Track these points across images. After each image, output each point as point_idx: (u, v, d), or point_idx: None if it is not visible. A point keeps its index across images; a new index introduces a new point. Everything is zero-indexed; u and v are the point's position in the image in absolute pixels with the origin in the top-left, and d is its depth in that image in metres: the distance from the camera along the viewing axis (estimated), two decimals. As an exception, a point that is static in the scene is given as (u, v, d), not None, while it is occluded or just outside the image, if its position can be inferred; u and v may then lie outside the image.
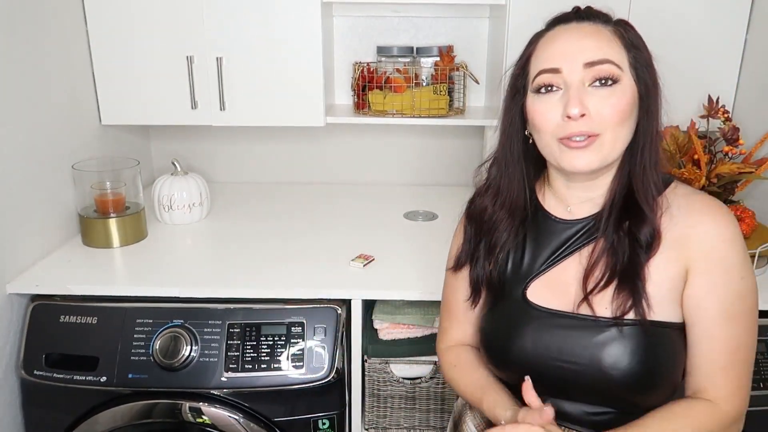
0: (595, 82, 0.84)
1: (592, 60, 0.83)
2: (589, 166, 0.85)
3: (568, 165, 0.86)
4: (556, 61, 0.85)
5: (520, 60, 0.92)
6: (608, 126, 0.84)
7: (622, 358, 0.85)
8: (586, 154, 0.85)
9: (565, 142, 0.85)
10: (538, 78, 0.87)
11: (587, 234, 0.92)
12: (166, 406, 1.31)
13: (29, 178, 1.43)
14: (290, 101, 1.71)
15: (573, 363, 0.87)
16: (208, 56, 1.66)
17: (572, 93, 0.84)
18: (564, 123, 0.84)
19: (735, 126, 1.48)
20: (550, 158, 0.90)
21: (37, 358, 1.32)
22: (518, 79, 0.92)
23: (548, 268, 0.94)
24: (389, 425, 1.49)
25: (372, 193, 2.07)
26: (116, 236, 1.56)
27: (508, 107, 0.94)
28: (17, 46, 1.38)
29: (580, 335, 0.88)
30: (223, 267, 1.48)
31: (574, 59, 0.84)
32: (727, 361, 0.86)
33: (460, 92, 1.86)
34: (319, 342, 1.32)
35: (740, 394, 0.88)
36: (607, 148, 0.85)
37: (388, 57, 1.85)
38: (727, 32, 1.63)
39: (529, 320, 0.92)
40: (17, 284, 1.36)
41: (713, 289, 0.85)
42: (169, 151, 2.10)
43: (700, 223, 0.87)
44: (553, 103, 0.86)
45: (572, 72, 0.84)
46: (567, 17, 0.89)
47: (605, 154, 0.85)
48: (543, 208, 0.97)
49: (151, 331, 1.31)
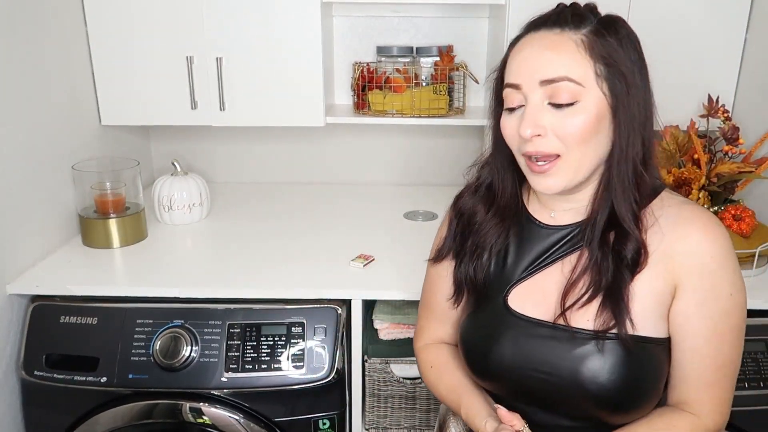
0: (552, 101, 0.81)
1: (548, 78, 0.80)
2: (554, 189, 0.83)
3: (535, 185, 0.85)
4: (517, 76, 0.83)
5: (500, 66, 0.89)
6: (570, 145, 0.81)
7: (601, 373, 0.82)
8: (548, 179, 0.83)
9: (528, 163, 0.84)
10: (504, 92, 0.85)
11: (571, 242, 0.90)
12: (166, 407, 1.31)
13: (29, 179, 1.43)
14: (290, 101, 1.71)
15: (551, 374, 0.85)
16: (208, 56, 1.66)
17: (527, 112, 0.81)
18: (522, 141, 0.83)
19: (735, 125, 1.48)
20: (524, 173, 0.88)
21: (37, 359, 1.32)
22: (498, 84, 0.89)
23: (530, 274, 0.91)
24: (390, 425, 1.49)
25: (372, 193, 2.07)
26: (116, 237, 1.56)
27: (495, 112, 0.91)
28: (17, 46, 1.38)
29: (560, 347, 0.85)
30: (223, 267, 1.48)
31: (532, 76, 0.81)
32: (713, 377, 0.84)
33: (460, 92, 1.86)
34: (320, 342, 1.32)
35: (723, 410, 0.86)
36: (572, 167, 0.82)
37: (387, 57, 1.85)
38: (727, 32, 1.63)
39: (509, 328, 0.89)
40: (17, 285, 1.36)
41: (702, 305, 0.83)
42: (169, 152, 2.10)
43: (688, 236, 0.83)
44: (515, 119, 0.84)
45: (530, 89, 0.81)
46: (538, 23, 0.84)
47: (572, 175, 0.83)
48: (528, 212, 0.95)
49: (151, 331, 1.31)
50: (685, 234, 0.83)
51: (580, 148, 0.81)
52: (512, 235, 0.94)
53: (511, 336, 0.89)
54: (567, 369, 0.84)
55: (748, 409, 1.27)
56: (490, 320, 0.92)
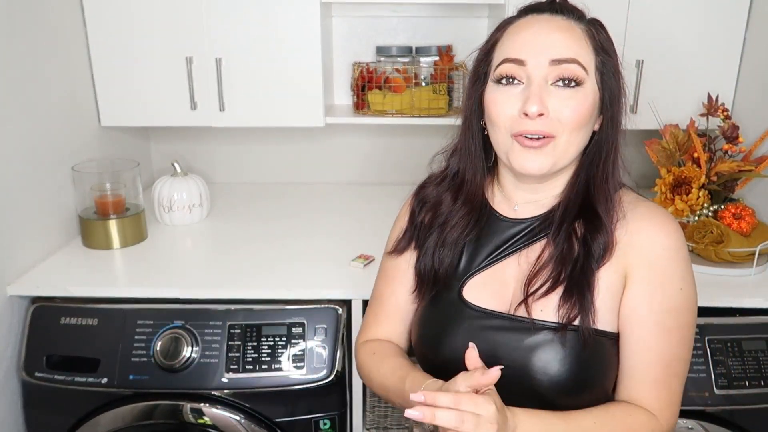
0: (558, 81, 0.80)
1: (559, 57, 0.80)
2: (539, 169, 0.82)
3: (518, 165, 0.83)
4: (522, 51, 0.81)
5: (486, 45, 0.88)
6: (565, 129, 0.81)
7: (552, 364, 0.82)
8: (538, 157, 0.82)
9: (519, 139, 0.82)
10: (501, 67, 0.83)
11: (529, 235, 0.90)
12: (167, 408, 1.31)
13: (29, 180, 1.43)
14: (290, 102, 1.71)
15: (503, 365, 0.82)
16: (208, 57, 1.66)
17: (533, 90, 0.80)
18: (520, 119, 0.81)
19: (734, 124, 1.48)
20: (501, 154, 0.87)
21: (38, 360, 1.32)
22: (480, 64, 0.88)
23: (487, 266, 0.91)
24: (390, 425, 1.49)
25: (372, 193, 2.07)
26: (116, 238, 1.56)
27: (469, 94, 0.90)
28: (16, 48, 1.38)
29: (512, 337, 0.85)
30: (223, 268, 1.48)
31: (541, 53, 0.80)
32: (661, 373, 0.84)
33: (460, 92, 1.86)
34: (320, 342, 1.32)
35: (672, 408, 0.86)
36: (560, 151, 0.82)
37: (387, 57, 1.85)
38: (726, 30, 1.63)
39: (464, 319, 0.89)
40: (18, 286, 1.36)
41: (650, 297, 0.83)
42: (169, 152, 2.10)
43: (642, 230, 0.84)
44: (512, 95, 0.82)
45: (537, 66, 0.80)
46: (540, 7, 0.85)
47: (557, 158, 0.82)
48: (490, 205, 0.94)
49: (151, 332, 1.31)
50: (639, 228, 0.84)
51: (573, 133, 0.81)
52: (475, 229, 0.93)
53: (464, 328, 0.88)
54: (518, 359, 0.83)
55: (749, 407, 1.27)
56: (445, 312, 0.91)
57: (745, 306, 1.30)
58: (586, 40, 0.82)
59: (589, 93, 0.81)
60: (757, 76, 1.62)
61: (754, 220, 1.43)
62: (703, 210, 1.46)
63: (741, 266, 1.39)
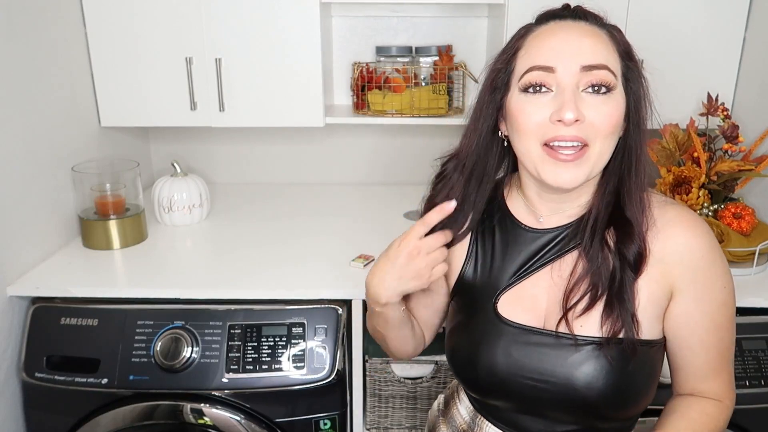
0: (589, 87, 0.78)
1: (590, 63, 0.78)
2: (573, 182, 0.80)
3: (550, 179, 0.80)
4: (550, 58, 0.79)
5: (505, 54, 0.85)
6: (598, 136, 0.79)
7: (598, 378, 0.81)
8: (571, 169, 0.79)
9: (550, 153, 0.79)
10: (528, 75, 0.80)
11: (559, 246, 0.87)
12: (167, 408, 1.31)
13: (29, 181, 1.43)
14: (289, 102, 1.71)
15: (545, 381, 0.83)
16: (207, 57, 1.66)
17: (567, 96, 0.77)
18: (552, 125, 0.78)
19: (734, 123, 1.48)
20: (528, 166, 0.83)
21: (38, 361, 1.32)
22: (500, 74, 0.85)
23: (518, 280, 0.89)
24: (391, 425, 1.49)
25: (372, 193, 2.07)
26: (116, 238, 1.56)
27: (484, 104, 0.87)
28: (16, 48, 1.38)
29: (555, 353, 0.84)
30: (223, 268, 1.48)
31: (571, 59, 0.78)
32: (718, 363, 0.87)
33: (460, 92, 1.86)
34: (320, 342, 1.32)
35: (732, 386, 0.90)
36: (593, 161, 0.80)
37: (387, 57, 1.85)
38: (726, 30, 1.63)
39: (500, 335, 0.87)
40: (18, 287, 1.36)
41: (701, 302, 0.84)
42: (169, 153, 2.10)
43: (677, 236, 0.83)
44: (541, 104, 0.80)
45: (567, 73, 0.78)
46: (562, 13, 0.83)
47: (591, 169, 0.80)
48: (511, 215, 0.92)
49: (152, 332, 1.31)
50: (672, 234, 0.83)
51: (605, 139, 0.79)
52: (497, 239, 0.92)
53: (503, 344, 0.86)
54: (562, 375, 0.83)
55: (749, 407, 1.27)
56: (480, 328, 0.89)
57: (745, 305, 1.30)
58: (612, 46, 0.81)
59: (620, 99, 0.80)
60: (757, 75, 1.62)
61: (754, 219, 1.43)
62: (703, 209, 1.46)
63: (741, 266, 1.39)
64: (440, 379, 1.45)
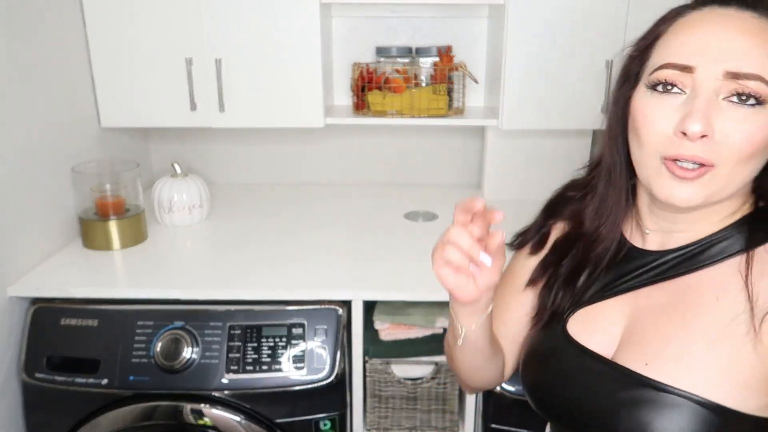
0: (733, 96, 0.63)
1: (738, 71, 0.62)
2: (688, 201, 0.66)
3: (663, 194, 0.67)
4: (691, 56, 0.64)
5: (645, 39, 0.71)
6: (731, 158, 0.63)
7: None
8: (689, 187, 0.65)
9: (669, 165, 0.65)
10: (661, 71, 0.66)
11: (655, 271, 0.74)
12: (167, 408, 1.31)
13: (29, 181, 1.43)
14: (289, 102, 1.71)
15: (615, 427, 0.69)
16: (207, 58, 1.66)
17: (698, 103, 0.63)
18: (675, 139, 0.64)
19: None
20: (642, 175, 0.70)
21: (38, 361, 1.32)
22: (634, 62, 0.71)
23: (599, 299, 0.76)
24: (390, 426, 1.49)
25: (372, 194, 2.07)
26: (116, 239, 1.56)
27: (615, 99, 0.74)
28: (16, 49, 1.38)
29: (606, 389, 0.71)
30: (223, 268, 1.48)
31: (717, 61, 0.63)
32: None
33: (460, 92, 1.86)
34: (320, 343, 1.32)
35: None
36: (719, 184, 0.65)
37: (387, 57, 1.85)
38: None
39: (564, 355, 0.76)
40: (18, 287, 1.36)
41: None
42: (169, 153, 2.11)
43: None
44: (669, 106, 0.65)
45: (708, 77, 0.63)
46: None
47: (713, 192, 0.65)
48: None
49: (152, 333, 1.32)
50: None
51: (738, 164, 0.64)
52: None
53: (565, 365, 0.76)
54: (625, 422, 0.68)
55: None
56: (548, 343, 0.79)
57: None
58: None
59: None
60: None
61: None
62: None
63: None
64: (440, 379, 1.45)
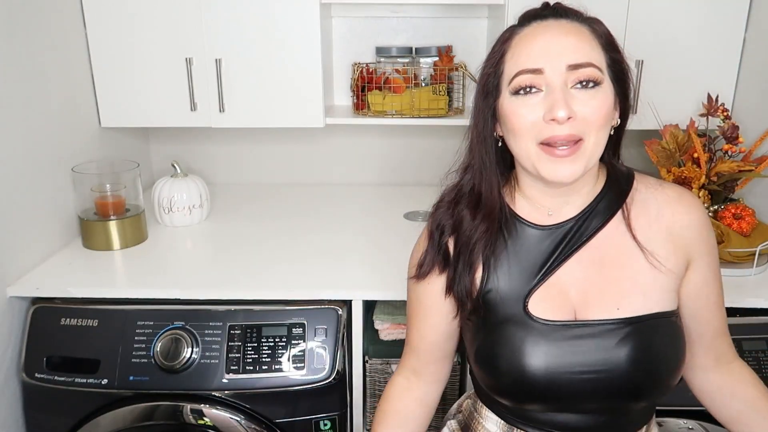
0: (577, 84, 0.81)
1: (576, 62, 0.80)
2: (572, 175, 0.82)
3: (549, 174, 0.83)
4: (537, 60, 0.81)
5: (493, 58, 0.87)
6: (592, 129, 0.81)
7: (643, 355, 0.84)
8: (568, 164, 0.81)
9: (547, 149, 0.82)
10: (518, 79, 0.82)
11: (575, 237, 0.89)
12: (167, 409, 1.31)
13: (29, 181, 1.43)
14: (289, 102, 1.71)
15: (592, 372, 0.84)
16: (207, 58, 1.66)
17: (557, 95, 0.80)
18: (546, 125, 0.81)
19: (734, 124, 1.48)
20: (526, 164, 0.85)
21: (38, 361, 1.32)
22: (490, 78, 0.87)
23: (543, 279, 0.88)
24: (391, 426, 1.49)
25: (372, 194, 2.07)
26: (116, 239, 1.56)
27: (480, 109, 0.89)
28: (16, 49, 1.38)
29: (595, 342, 0.85)
30: (223, 268, 1.48)
31: (557, 59, 0.80)
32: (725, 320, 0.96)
33: (460, 92, 1.86)
34: (320, 343, 1.32)
35: None
36: (588, 153, 0.82)
37: (387, 57, 1.85)
38: (726, 30, 1.63)
39: (537, 337, 0.86)
40: (18, 287, 1.36)
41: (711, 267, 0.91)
42: (169, 153, 2.11)
43: (683, 213, 0.89)
44: (533, 104, 0.82)
45: (555, 73, 0.80)
46: (543, 13, 0.85)
47: (587, 161, 0.82)
48: (518, 216, 0.91)
49: (152, 333, 1.31)
50: (679, 211, 0.89)
51: (599, 132, 0.82)
52: (508, 243, 0.91)
53: (542, 345, 0.85)
54: (608, 361, 0.84)
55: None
56: (517, 335, 0.87)
57: (746, 306, 1.30)
58: (594, 40, 0.83)
59: (608, 91, 0.83)
60: (757, 76, 1.62)
61: (754, 220, 1.44)
62: (704, 210, 1.46)
63: (741, 266, 1.39)
64: (440, 379, 1.45)
